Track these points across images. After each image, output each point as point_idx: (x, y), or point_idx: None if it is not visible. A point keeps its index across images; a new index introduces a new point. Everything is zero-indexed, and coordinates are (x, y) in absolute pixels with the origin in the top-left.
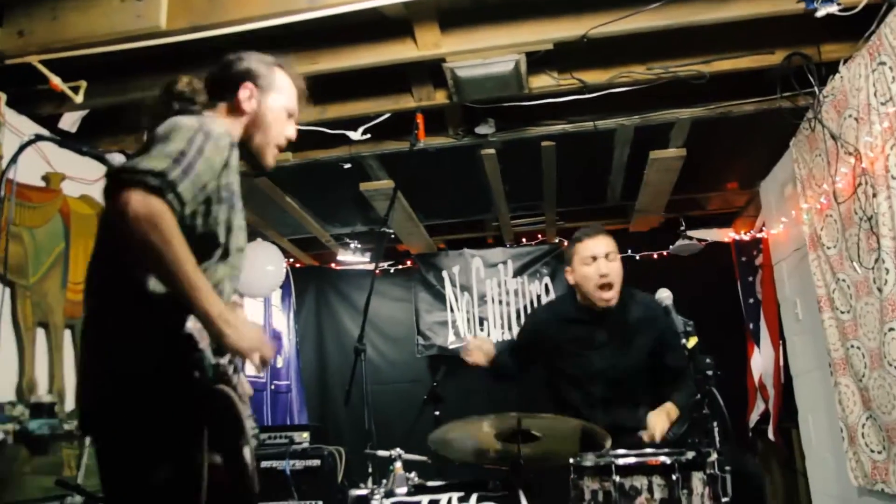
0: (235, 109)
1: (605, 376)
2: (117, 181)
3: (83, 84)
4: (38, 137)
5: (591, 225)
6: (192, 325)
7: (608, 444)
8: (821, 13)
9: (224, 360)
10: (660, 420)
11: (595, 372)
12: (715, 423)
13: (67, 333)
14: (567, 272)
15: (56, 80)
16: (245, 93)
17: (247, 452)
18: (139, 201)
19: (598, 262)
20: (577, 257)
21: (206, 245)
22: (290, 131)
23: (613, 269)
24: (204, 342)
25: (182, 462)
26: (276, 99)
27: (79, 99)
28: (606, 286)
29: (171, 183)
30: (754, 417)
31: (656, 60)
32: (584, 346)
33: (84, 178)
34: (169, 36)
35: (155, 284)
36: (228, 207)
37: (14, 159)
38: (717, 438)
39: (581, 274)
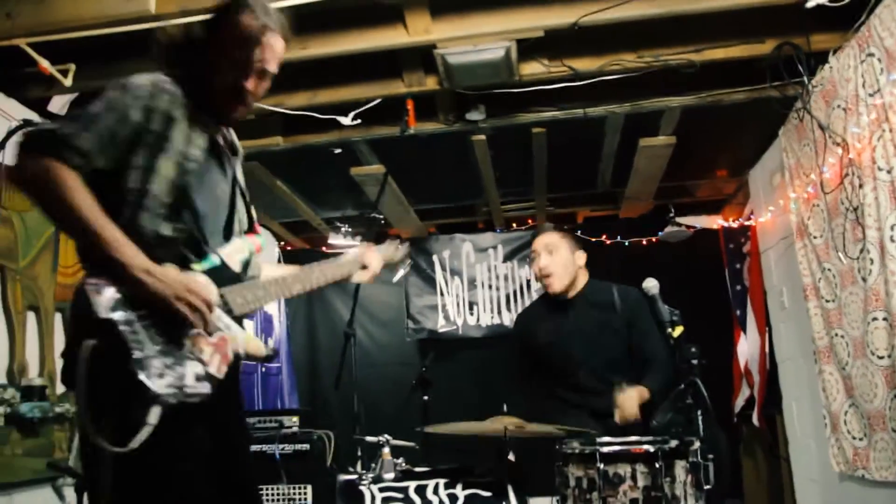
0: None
1: (583, 366)
2: (19, 148)
3: (72, 67)
4: (27, 123)
5: (543, 224)
6: (91, 279)
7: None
8: (811, 4)
9: (131, 314)
10: (628, 400)
11: (573, 362)
12: (699, 412)
13: (58, 317)
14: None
15: (45, 64)
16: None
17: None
18: (29, 164)
19: (537, 257)
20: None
21: (142, 197)
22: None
23: (552, 262)
24: (103, 296)
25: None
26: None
27: (68, 82)
28: (545, 276)
29: (62, 138)
30: (739, 403)
31: (647, 49)
32: (556, 338)
33: None
34: (158, 20)
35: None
36: (175, 163)
37: (2, 145)
38: (701, 427)
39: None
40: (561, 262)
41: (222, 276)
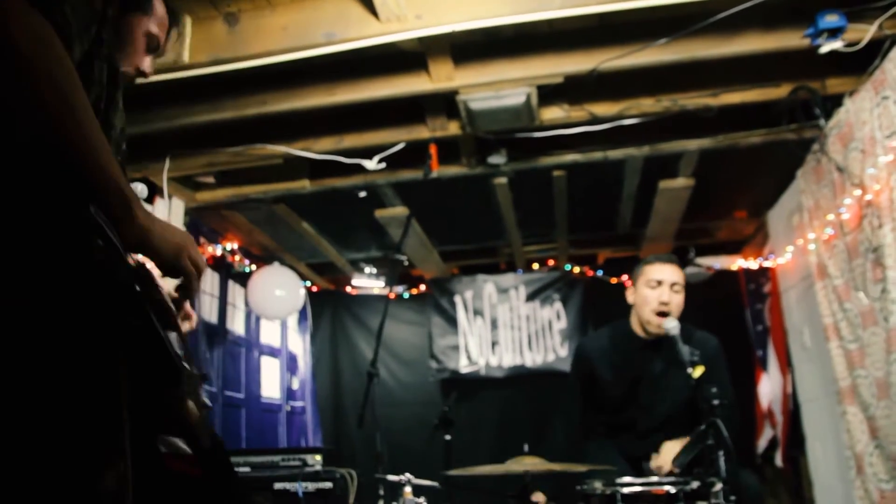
0: None
1: (650, 408)
2: None
3: None
4: None
5: (666, 253)
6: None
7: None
8: (824, 49)
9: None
10: (670, 449)
11: (638, 404)
12: (720, 453)
13: None
14: (628, 292)
15: None
16: None
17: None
18: (19, 14)
19: (662, 287)
20: (642, 278)
21: None
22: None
23: (674, 300)
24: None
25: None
26: None
27: None
28: (663, 313)
29: None
30: (762, 444)
31: (665, 93)
32: (632, 379)
33: None
34: (192, 69)
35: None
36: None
37: None
38: (722, 468)
39: (642, 295)
40: (680, 303)
41: None
